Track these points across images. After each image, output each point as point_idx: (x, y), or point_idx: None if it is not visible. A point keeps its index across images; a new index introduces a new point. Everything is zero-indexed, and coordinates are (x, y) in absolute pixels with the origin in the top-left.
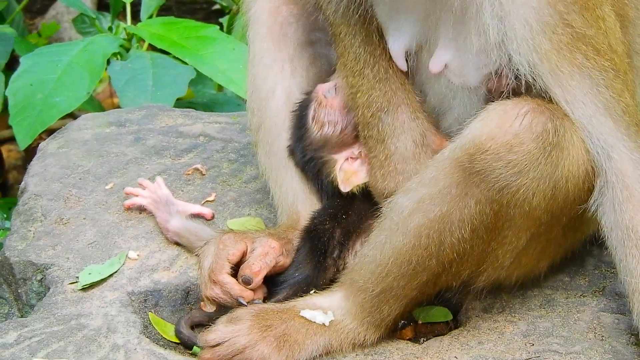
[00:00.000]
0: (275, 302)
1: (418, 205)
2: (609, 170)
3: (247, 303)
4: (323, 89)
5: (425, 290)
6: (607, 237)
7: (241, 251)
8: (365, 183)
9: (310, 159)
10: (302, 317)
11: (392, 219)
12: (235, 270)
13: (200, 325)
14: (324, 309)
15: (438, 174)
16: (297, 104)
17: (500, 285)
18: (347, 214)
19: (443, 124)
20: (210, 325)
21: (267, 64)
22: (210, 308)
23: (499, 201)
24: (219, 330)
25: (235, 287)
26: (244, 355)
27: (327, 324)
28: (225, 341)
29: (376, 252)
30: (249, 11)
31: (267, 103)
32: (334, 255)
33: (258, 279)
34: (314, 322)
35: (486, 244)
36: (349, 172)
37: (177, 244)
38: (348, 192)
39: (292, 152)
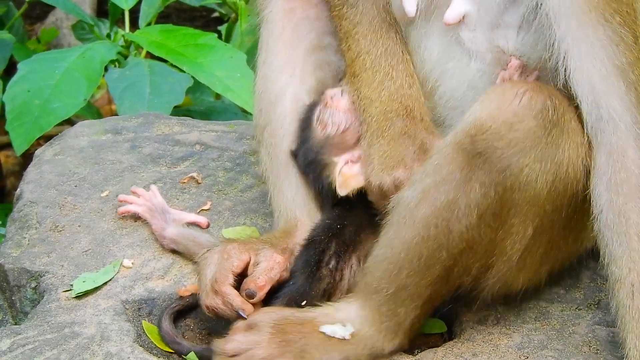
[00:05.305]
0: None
1: (423, 194)
2: (612, 143)
3: (247, 316)
4: (330, 92)
5: (438, 288)
6: (596, 219)
7: (245, 262)
8: (362, 188)
9: (311, 161)
10: (322, 332)
11: (400, 213)
12: (235, 281)
13: (185, 313)
14: (343, 321)
15: (441, 161)
16: (305, 109)
17: (508, 289)
18: (344, 225)
19: (434, 95)
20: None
21: (278, 66)
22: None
23: (503, 184)
24: (237, 340)
25: (237, 299)
26: None
27: (347, 337)
28: (243, 352)
29: (386, 249)
30: (264, 10)
31: (276, 105)
32: (330, 266)
33: (262, 294)
34: (334, 337)
35: (494, 233)
36: (347, 175)
37: (173, 251)
38: (345, 195)
39: (295, 155)
